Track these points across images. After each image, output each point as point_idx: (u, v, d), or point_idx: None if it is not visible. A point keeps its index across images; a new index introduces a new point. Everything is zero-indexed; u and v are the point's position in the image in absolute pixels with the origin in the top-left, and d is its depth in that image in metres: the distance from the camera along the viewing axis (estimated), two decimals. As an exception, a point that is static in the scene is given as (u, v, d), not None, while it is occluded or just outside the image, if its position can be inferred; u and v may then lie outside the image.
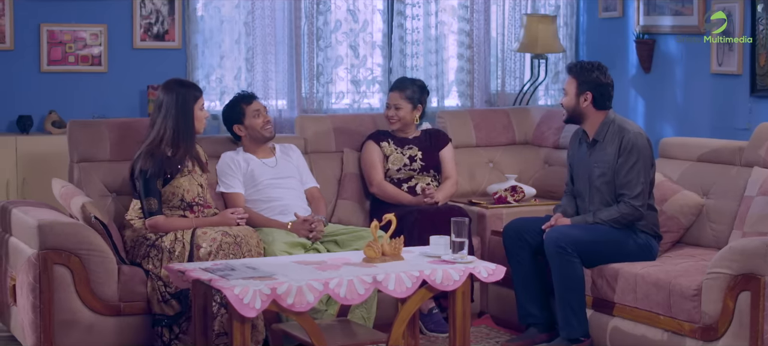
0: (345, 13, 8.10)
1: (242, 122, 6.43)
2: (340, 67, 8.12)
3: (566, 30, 8.58)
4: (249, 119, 6.42)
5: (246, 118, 6.42)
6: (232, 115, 6.48)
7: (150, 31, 7.66)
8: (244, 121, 6.42)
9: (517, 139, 7.48)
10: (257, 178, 6.34)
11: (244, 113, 6.42)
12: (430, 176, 6.81)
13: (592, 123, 6.01)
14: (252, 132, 6.42)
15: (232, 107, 6.49)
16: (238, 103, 6.46)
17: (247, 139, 6.44)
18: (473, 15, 8.32)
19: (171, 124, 5.88)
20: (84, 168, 6.29)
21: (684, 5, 7.62)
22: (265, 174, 6.36)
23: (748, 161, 6.08)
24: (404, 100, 6.79)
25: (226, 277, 4.90)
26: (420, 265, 5.22)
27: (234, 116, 6.46)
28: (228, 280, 4.85)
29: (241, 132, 6.44)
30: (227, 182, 6.33)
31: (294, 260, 5.40)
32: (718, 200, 6.12)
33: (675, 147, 6.55)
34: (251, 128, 6.42)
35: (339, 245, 6.17)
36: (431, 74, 8.25)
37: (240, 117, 6.43)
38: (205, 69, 7.75)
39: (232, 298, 4.71)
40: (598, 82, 5.99)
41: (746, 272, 5.14)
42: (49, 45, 7.43)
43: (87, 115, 7.32)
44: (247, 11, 7.79)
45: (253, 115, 6.41)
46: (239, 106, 6.45)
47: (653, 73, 7.95)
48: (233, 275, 4.92)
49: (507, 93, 8.50)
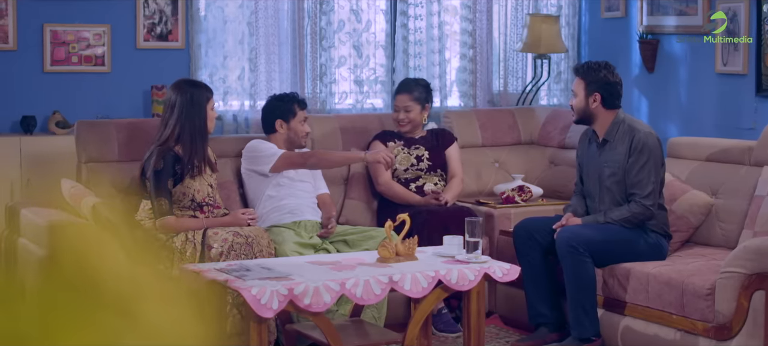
0: (348, 13, 8.08)
1: (288, 121, 6.40)
2: (343, 67, 8.11)
3: (568, 30, 8.58)
4: (296, 122, 6.39)
5: (294, 119, 6.39)
6: (282, 109, 6.42)
7: (153, 32, 7.63)
8: (290, 120, 6.40)
9: (522, 139, 7.48)
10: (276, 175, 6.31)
11: (294, 114, 6.40)
12: (438, 175, 6.80)
13: (602, 123, 6.01)
14: (293, 135, 6.40)
15: (286, 102, 6.44)
16: (292, 102, 6.43)
17: (281, 139, 6.41)
18: (476, 15, 8.31)
19: (184, 125, 5.86)
20: (92, 168, 6.27)
21: (688, 5, 7.63)
22: (283, 173, 6.33)
23: (758, 161, 6.08)
24: (413, 102, 6.79)
25: (242, 277, 4.89)
26: (435, 265, 5.21)
27: (284, 111, 6.41)
28: (244, 280, 4.83)
29: (281, 128, 6.41)
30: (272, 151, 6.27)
31: (308, 260, 5.39)
32: (728, 200, 6.13)
33: (683, 147, 6.56)
34: (294, 131, 6.39)
35: (349, 245, 6.16)
36: (434, 74, 8.24)
37: (288, 115, 6.40)
38: (208, 69, 7.72)
39: (249, 298, 4.69)
40: (607, 82, 5.99)
41: (761, 271, 5.15)
42: (52, 45, 7.39)
43: (90, 115, 7.29)
44: (251, 11, 7.77)
45: (301, 120, 6.41)
46: (293, 105, 6.42)
47: (657, 73, 7.96)
48: (249, 276, 4.91)
49: (509, 93, 8.50)
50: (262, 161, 6.29)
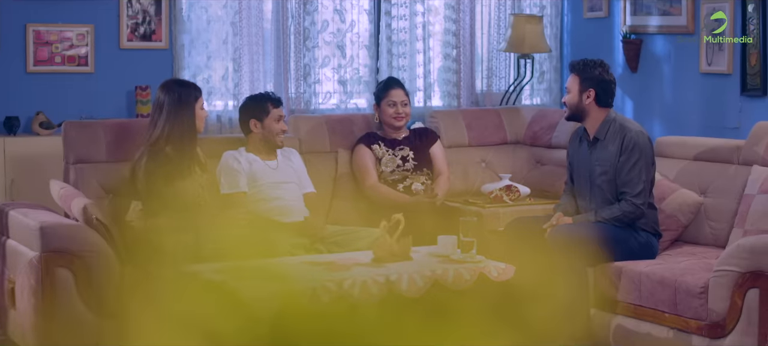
0: (332, 13, 8.07)
1: (262, 120, 6.37)
2: (327, 67, 8.09)
3: (551, 30, 8.59)
4: (270, 121, 6.37)
5: (268, 118, 6.37)
6: (255, 108, 6.40)
7: (137, 32, 7.58)
8: (264, 119, 6.37)
9: (508, 139, 7.49)
10: (259, 179, 6.29)
11: (268, 113, 6.37)
12: (424, 174, 6.81)
13: (593, 121, 6.02)
14: (267, 134, 6.37)
15: (258, 102, 6.42)
16: (266, 101, 6.41)
17: (258, 138, 6.39)
18: (460, 15, 8.31)
19: (173, 125, 5.84)
20: (80, 169, 6.22)
21: (672, 5, 7.66)
22: (267, 176, 6.31)
23: (747, 160, 6.11)
24: (407, 96, 6.87)
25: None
26: (431, 265, 5.21)
27: (257, 111, 6.39)
28: (242, 281, 4.80)
29: (255, 128, 6.38)
30: (231, 182, 6.24)
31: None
32: (717, 199, 6.15)
33: (671, 146, 6.58)
34: (268, 130, 6.37)
35: (340, 245, 6.14)
36: (418, 74, 8.24)
37: (262, 114, 6.37)
38: (192, 69, 7.68)
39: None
40: (601, 79, 6.01)
41: (755, 269, 5.17)
42: (35, 45, 7.33)
43: (74, 116, 7.23)
44: (235, 11, 7.74)
45: (276, 118, 6.38)
46: (266, 104, 6.39)
47: (640, 72, 7.99)
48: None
49: (493, 93, 8.50)
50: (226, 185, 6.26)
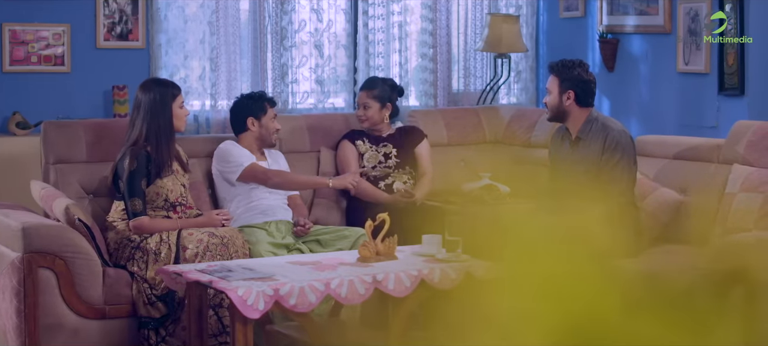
0: (309, 13, 8.05)
1: (260, 118, 6.40)
2: (305, 67, 8.07)
3: (527, 29, 8.61)
4: (267, 119, 6.42)
5: (266, 116, 6.41)
6: (253, 107, 6.44)
7: (113, 31, 7.54)
8: (262, 118, 6.40)
9: (487, 138, 7.50)
10: None
11: (265, 111, 6.42)
12: (407, 173, 6.81)
13: (575, 121, 6.04)
14: (264, 132, 6.42)
15: (256, 100, 6.48)
16: (263, 99, 6.48)
17: (254, 136, 6.43)
18: (436, 14, 8.32)
19: (150, 124, 5.82)
20: (60, 169, 6.18)
21: (649, 5, 7.69)
22: (252, 175, 6.33)
23: (727, 159, 6.15)
24: (372, 99, 6.83)
25: (226, 278, 4.85)
26: (417, 264, 5.21)
27: (255, 109, 6.43)
28: (229, 282, 4.79)
29: (252, 126, 6.41)
30: (241, 160, 6.28)
31: (289, 260, 5.37)
32: (697, 197, 6.18)
33: (651, 145, 6.61)
34: (265, 128, 6.42)
35: (322, 244, 6.15)
36: (395, 74, 8.23)
37: (259, 113, 6.42)
38: (169, 69, 7.64)
39: (235, 299, 4.66)
40: (581, 79, 6.03)
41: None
42: (11, 45, 7.27)
43: (51, 116, 7.18)
44: (212, 11, 7.71)
45: (272, 117, 6.44)
46: (264, 103, 6.45)
47: (617, 72, 8.02)
48: (233, 277, 4.87)
49: (470, 92, 8.51)
50: (230, 169, 6.29)
